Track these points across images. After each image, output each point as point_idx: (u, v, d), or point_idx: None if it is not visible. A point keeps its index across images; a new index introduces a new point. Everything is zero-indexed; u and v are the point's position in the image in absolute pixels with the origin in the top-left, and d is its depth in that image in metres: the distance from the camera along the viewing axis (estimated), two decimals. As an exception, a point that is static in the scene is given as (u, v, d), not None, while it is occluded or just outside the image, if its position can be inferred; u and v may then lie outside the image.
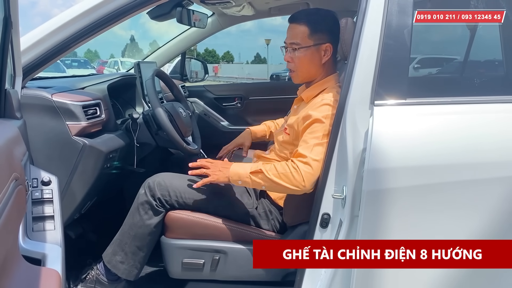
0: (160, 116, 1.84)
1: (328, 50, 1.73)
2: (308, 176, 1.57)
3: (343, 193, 1.47)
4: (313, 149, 1.59)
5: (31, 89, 1.66)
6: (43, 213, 1.17)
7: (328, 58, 1.74)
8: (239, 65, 45.45)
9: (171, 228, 1.79)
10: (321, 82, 1.77)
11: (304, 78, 1.79)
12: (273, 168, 1.60)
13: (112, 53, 68.26)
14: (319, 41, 1.72)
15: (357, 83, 1.45)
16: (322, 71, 1.77)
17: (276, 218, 1.80)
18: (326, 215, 1.54)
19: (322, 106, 1.66)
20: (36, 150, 1.64)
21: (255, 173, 1.63)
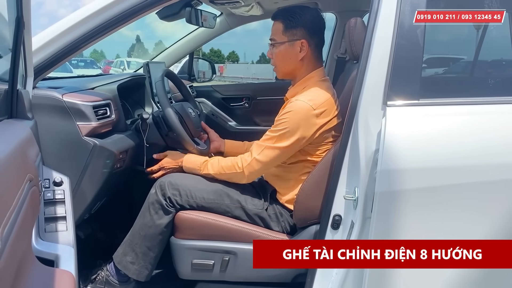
0: (171, 118, 1.84)
1: (304, 46, 1.73)
2: (250, 176, 1.77)
3: (355, 195, 1.46)
4: (263, 151, 1.72)
5: (41, 89, 1.66)
6: (55, 214, 1.17)
7: (305, 54, 1.74)
8: (244, 65, 45.42)
9: (180, 229, 1.78)
10: (303, 80, 1.79)
11: (284, 73, 1.83)
12: (221, 169, 1.79)
13: (118, 53, 68.45)
14: (293, 37, 1.74)
15: (369, 84, 1.44)
16: (301, 67, 1.78)
17: (286, 220, 1.79)
18: (337, 216, 1.53)
19: (290, 103, 1.69)
20: (46, 150, 1.63)
21: (206, 174, 1.83)
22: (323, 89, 1.74)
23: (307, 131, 1.67)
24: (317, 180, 1.66)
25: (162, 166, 1.90)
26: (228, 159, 1.81)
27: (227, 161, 1.80)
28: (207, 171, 1.81)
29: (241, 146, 2.18)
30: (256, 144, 1.76)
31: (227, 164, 1.79)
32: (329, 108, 1.70)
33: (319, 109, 1.66)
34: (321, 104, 1.68)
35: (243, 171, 1.74)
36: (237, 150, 2.17)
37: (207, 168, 1.82)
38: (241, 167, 1.75)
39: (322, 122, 1.68)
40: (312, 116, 1.65)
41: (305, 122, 1.66)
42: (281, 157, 1.73)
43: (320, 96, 1.70)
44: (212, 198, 1.78)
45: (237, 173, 1.76)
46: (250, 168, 1.74)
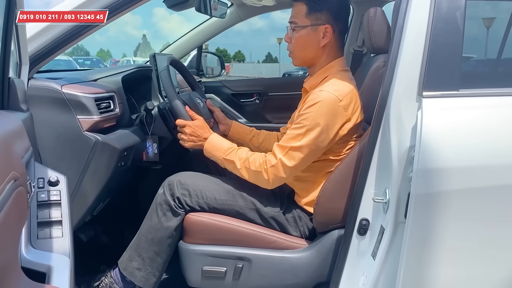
0: (179, 109, 1.69)
1: (328, 32, 1.58)
2: (276, 181, 1.56)
3: (385, 197, 1.31)
4: (287, 152, 1.52)
5: (39, 80, 1.52)
6: (49, 218, 1.03)
7: (328, 40, 1.59)
8: (250, 64, 45.38)
9: (190, 232, 1.64)
10: (324, 69, 1.64)
11: (302, 61, 1.67)
12: (246, 162, 1.58)
13: (124, 52, 68.81)
14: (317, 22, 1.58)
15: (402, 73, 1.29)
16: (322, 55, 1.63)
17: (305, 224, 1.64)
18: (364, 221, 1.38)
19: (314, 94, 1.53)
20: (44, 146, 1.50)
21: (227, 161, 1.62)
22: (345, 80, 1.59)
23: (336, 125, 1.51)
24: (341, 180, 1.51)
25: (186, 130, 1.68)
26: (257, 154, 1.59)
27: (255, 156, 1.58)
28: (232, 158, 1.60)
29: (247, 133, 2.04)
30: (278, 145, 1.56)
31: (255, 160, 1.57)
32: (354, 100, 1.55)
33: (345, 100, 1.51)
34: (347, 95, 1.52)
35: (268, 173, 1.54)
36: (242, 136, 2.03)
37: (233, 154, 1.61)
38: (266, 169, 1.54)
39: (349, 115, 1.53)
40: (340, 108, 1.50)
41: (333, 115, 1.50)
42: (310, 158, 1.55)
43: (344, 86, 1.55)
44: (224, 198, 1.63)
45: (261, 174, 1.55)
46: (276, 171, 1.54)
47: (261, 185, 1.58)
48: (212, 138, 1.67)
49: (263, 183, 1.57)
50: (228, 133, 2.02)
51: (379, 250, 1.33)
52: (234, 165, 1.60)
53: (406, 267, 1.25)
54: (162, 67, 1.77)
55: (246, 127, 2.06)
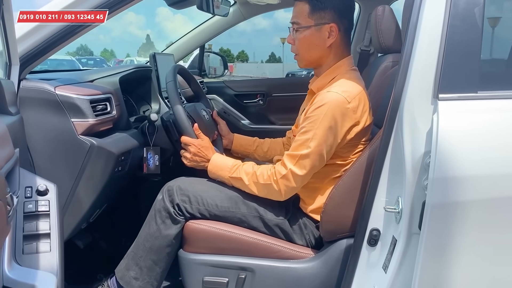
0: (183, 124, 1.61)
1: (334, 31, 1.50)
2: (288, 191, 1.49)
3: (398, 206, 1.22)
4: (298, 161, 1.45)
5: (31, 81, 1.44)
6: (36, 231, 0.95)
7: (334, 40, 1.51)
8: (254, 64, 45.29)
9: (190, 241, 1.56)
10: (331, 70, 1.55)
11: (308, 62, 1.59)
12: (254, 177, 1.51)
13: (128, 52, 69.05)
14: (321, 21, 1.50)
15: (416, 73, 1.20)
16: (328, 55, 1.54)
17: (311, 232, 1.56)
18: (375, 231, 1.30)
19: (321, 96, 1.45)
20: (37, 151, 1.43)
21: (234, 179, 1.55)
22: (354, 80, 1.50)
23: (344, 128, 1.43)
24: (349, 187, 1.43)
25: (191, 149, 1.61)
26: (263, 167, 1.53)
27: (262, 170, 1.51)
28: (239, 175, 1.54)
29: (250, 144, 1.96)
30: (288, 155, 1.47)
31: (262, 173, 1.50)
32: (363, 101, 1.47)
33: (353, 102, 1.43)
34: (355, 96, 1.44)
35: (278, 184, 1.47)
36: (245, 148, 1.96)
37: (239, 171, 1.54)
38: (276, 180, 1.47)
39: (357, 117, 1.45)
40: (348, 110, 1.42)
41: (341, 117, 1.42)
42: (319, 164, 1.47)
43: (352, 87, 1.47)
44: (226, 205, 1.55)
45: (271, 186, 1.48)
46: (286, 182, 1.46)
47: (273, 197, 1.51)
48: (215, 159, 1.61)
49: (275, 195, 1.50)
50: (231, 147, 1.94)
51: (391, 263, 1.25)
52: (242, 182, 1.53)
53: (421, 282, 1.16)
54: (169, 77, 1.69)
55: (249, 138, 1.98)
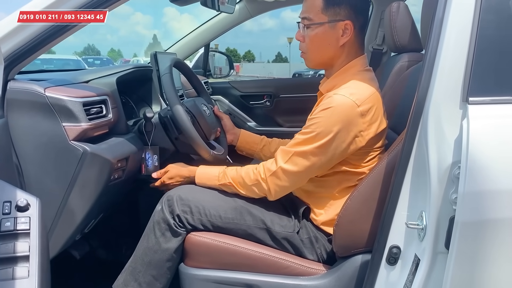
0: (181, 119, 1.50)
1: (348, 29, 1.37)
2: (278, 191, 1.41)
3: (421, 222, 1.10)
4: (291, 158, 1.37)
5: (19, 81, 1.33)
6: (14, 253, 0.83)
7: (348, 38, 1.38)
8: (260, 64, 45.19)
9: (192, 255, 1.45)
10: (342, 70, 1.43)
11: (317, 62, 1.46)
12: (240, 179, 1.45)
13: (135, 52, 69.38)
14: (336, 17, 1.37)
15: (442, 74, 1.07)
16: (341, 55, 1.42)
17: (323, 246, 1.43)
18: (395, 249, 1.17)
19: (328, 98, 1.33)
20: (25, 158, 1.32)
21: (224, 185, 1.49)
22: (366, 81, 1.38)
23: (350, 134, 1.31)
24: (366, 198, 1.30)
25: (165, 183, 1.58)
26: (248, 167, 1.46)
27: (247, 170, 1.45)
28: (226, 180, 1.47)
29: (257, 142, 1.85)
30: (282, 150, 1.40)
31: (248, 174, 1.44)
32: (376, 104, 1.35)
33: (363, 106, 1.30)
34: (366, 99, 1.32)
35: (267, 182, 1.40)
36: (251, 146, 1.84)
37: (225, 177, 1.48)
38: (264, 178, 1.40)
39: (368, 122, 1.32)
40: (356, 114, 1.30)
41: (347, 123, 1.30)
42: (315, 168, 1.37)
43: (363, 89, 1.35)
44: (231, 216, 1.44)
45: (260, 184, 1.41)
46: (275, 180, 1.39)
47: (263, 195, 1.44)
48: (200, 172, 1.54)
49: (264, 193, 1.43)
50: (236, 143, 1.82)
51: (413, 284, 1.12)
52: (231, 186, 1.47)
53: (449, 308, 1.04)
54: (164, 70, 1.58)
55: (256, 135, 1.86)
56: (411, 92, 1.60)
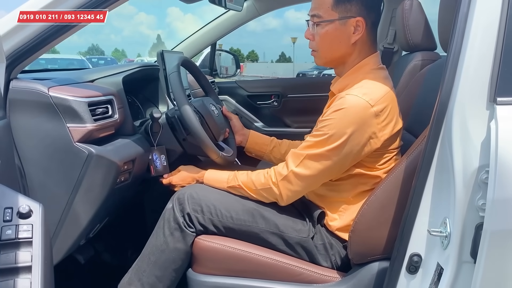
0: (190, 120, 1.45)
1: (360, 26, 1.31)
2: (290, 196, 1.36)
3: (445, 229, 1.04)
4: (302, 161, 1.32)
5: (22, 81, 1.28)
6: (15, 263, 0.78)
7: (360, 35, 1.33)
8: (264, 64, 45.11)
9: (200, 260, 1.39)
10: (354, 69, 1.37)
11: (328, 60, 1.41)
12: (250, 183, 1.41)
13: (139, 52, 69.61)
14: (347, 14, 1.32)
15: (467, 73, 1.02)
16: (352, 53, 1.36)
17: (338, 253, 1.38)
18: (416, 257, 1.11)
19: (340, 99, 1.27)
20: (28, 160, 1.27)
21: (233, 187, 1.44)
22: (379, 80, 1.32)
23: (364, 135, 1.26)
24: (383, 203, 1.25)
25: (174, 184, 1.55)
26: (259, 171, 1.41)
27: (258, 174, 1.40)
28: (236, 182, 1.43)
29: (266, 144, 1.79)
30: (293, 153, 1.35)
31: (258, 178, 1.39)
32: (390, 104, 1.29)
33: (377, 106, 1.24)
34: (380, 99, 1.26)
35: (278, 187, 1.35)
36: (260, 148, 1.79)
37: (235, 179, 1.44)
38: (276, 182, 1.35)
39: (383, 123, 1.27)
40: (370, 115, 1.24)
41: (360, 124, 1.24)
42: (328, 172, 1.32)
43: (377, 88, 1.29)
44: (243, 218, 1.38)
45: (271, 189, 1.36)
46: (287, 184, 1.34)
47: (274, 200, 1.40)
48: (208, 176, 1.50)
49: (275, 199, 1.39)
50: (245, 144, 1.77)
51: (435, 294, 1.07)
52: (241, 189, 1.43)
53: (475, 321, 0.98)
54: (172, 68, 1.52)
55: (266, 137, 1.80)
56: (428, 92, 1.55)
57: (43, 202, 1.21)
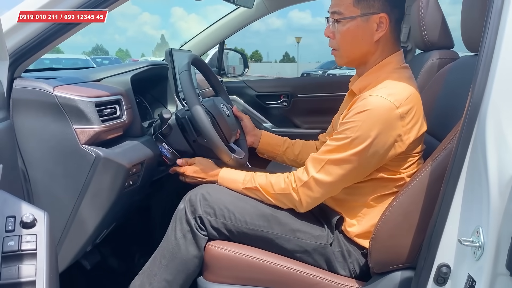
0: (201, 121, 1.38)
1: (383, 22, 1.25)
2: (310, 202, 1.29)
3: (478, 238, 0.97)
4: (323, 167, 1.25)
5: (26, 80, 1.22)
6: (17, 278, 0.71)
7: (383, 33, 1.26)
8: (268, 64, 45.06)
9: (212, 268, 1.33)
10: (376, 67, 1.30)
11: (350, 59, 1.34)
12: (269, 186, 1.34)
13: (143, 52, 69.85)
14: (369, 10, 1.25)
15: (502, 72, 0.95)
16: (375, 51, 1.29)
17: (356, 261, 1.31)
18: (444, 268, 1.05)
19: (362, 100, 1.20)
20: (33, 163, 1.21)
21: (249, 189, 1.38)
22: (403, 80, 1.25)
23: (388, 139, 1.19)
24: (407, 210, 1.18)
25: (186, 175, 1.48)
26: (279, 175, 1.34)
27: (278, 178, 1.33)
28: (253, 184, 1.36)
29: (279, 144, 1.72)
30: (313, 158, 1.28)
31: (278, 182, 1.32)
32: (416, 105, 1.22)
33: (403, 108, 1.18)
34: (405, 100, 1.19)
35: (298, 193, 1.28)
36: (273, 149, 1.72)
37: (252, 181, 1.37)
38: (295, 188, 1.28)
39: (408, 125, 1.20)
40: (395, 117, 1.17)
41: (385, 126, 1.18)
42: (350, 177, 1.25)
43: (402, 89, 1.22)
44: (258, 223, 1.32)
45: (290, 195, 1.29)
46: (307, 191, 1.27)
47: (292, 207, 1.33)
48: (223, 175, 1.43)
49: (294, 205, 1.32)
50: (257, 146, 1.70)
51: (466, 309, 1.00)
52: (258, 191, 1.36)
53: None
54: (182, 67, 1.45)
55: (278, 137, 1.74)
56: (450, 93, 1.48)
57: (48, 208, 1.15)
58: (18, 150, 1.19)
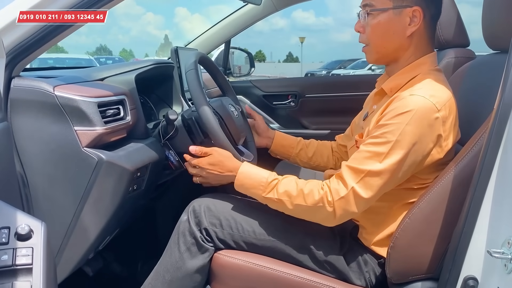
0: (209, 122, 1.30)
1: (417, 16, 1.17)
2: (344, 216, 1.15)
3: (509, 250, 0.89)
4: (363, 179, 1.11)
5: (25, 79, 1.16)
6: (11, 296, 0.65)
7: (416, 28, 1.18)
8: (271, 64, 45.02)
9: (220, 277, 1.27)
10: (410, 67, 1.22)
11: (382, 55, 1.26)
12: (300, 198, 1.17)
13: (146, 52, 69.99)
14: (402, 3, 1.17)
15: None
16: (408, 48, 1.21)
17: (372, 270, 1.24)
18: (471, 280, 0.97)
19: (401, 100, 1.11)
20: (32, 167, 1.15)
21: (271, 200, 1.21)
22: (441, 83, 1.17)
23: (429, 144, 1.11)
24: (428, 217, 1.11)
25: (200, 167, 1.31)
26: (311, 184, 1.18)
27: (312, 188, 1.17)
28: (277, 196, 1.19)
29: (293, 146, 1.64)
30: (350, 168, 1.13)
31: (312, 193, 1.16)
32: (454, 111, 1.15)
33: (443, 111, 1.10)
34: (445, 103, 1.11)
35: (334, 206, 1.13)
36: (287, 150, 1.64)
37: (276, 191, 1.20)
38: (331, 202, 1.13)
39: (448, 130, 1.13)
40: (438, 120, 1.09)
41: (428, 129, 1.09)
42: (389, 186, 1.14)
43: (442, 91, 1.14)
44: (266, 233, 1.26)
45: (323, 208, 1.14)
46: (344, 205, 1.13)
47: (320, 222, 1.19)
48: (243, 171, 1.26)
49: (325, 220, 1.17)
50: (271, 147, 1.63)
51: (495, 325, 0.93)
52: (283, 204, 1.20)
53: None
54: (189, 65, 1.38)
55: (292, 138, 1.66)
56: (471, 93, 1.40)
57: (47, 214, 1.10)
58: (17, 153, 1.13)
